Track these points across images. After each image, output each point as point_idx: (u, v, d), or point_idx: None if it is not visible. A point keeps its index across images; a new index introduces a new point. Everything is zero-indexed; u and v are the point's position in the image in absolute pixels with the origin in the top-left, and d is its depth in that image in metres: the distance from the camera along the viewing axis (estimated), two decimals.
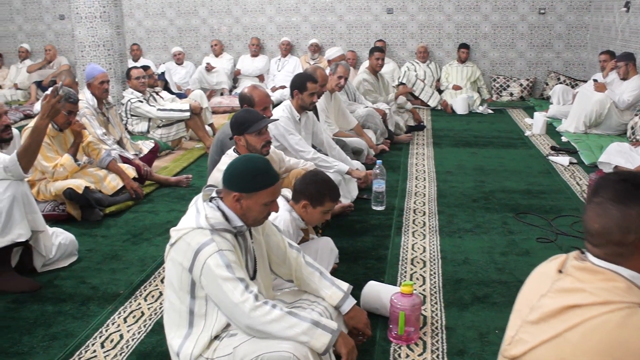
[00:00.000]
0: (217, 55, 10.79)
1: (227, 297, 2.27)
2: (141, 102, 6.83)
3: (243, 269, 2.39)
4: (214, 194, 2.51)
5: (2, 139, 3.73)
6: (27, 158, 3.58)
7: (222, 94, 10.25)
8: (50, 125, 4.32)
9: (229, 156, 3.67)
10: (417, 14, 10.49)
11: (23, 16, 11.68)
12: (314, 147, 4.96)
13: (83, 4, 7.19)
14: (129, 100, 6.85)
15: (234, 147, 3.77)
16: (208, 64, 10.38)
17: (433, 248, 4.15)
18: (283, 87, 9.94)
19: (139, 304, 3.48)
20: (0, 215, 3.51)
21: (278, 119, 4.50)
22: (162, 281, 3.74)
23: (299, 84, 4.84)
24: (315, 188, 3.26)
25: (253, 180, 2.41)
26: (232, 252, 2.34)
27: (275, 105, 5.68)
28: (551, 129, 7.80)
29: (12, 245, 3.62)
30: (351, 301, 2.71)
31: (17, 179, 3.59)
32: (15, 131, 3.89)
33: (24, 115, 9.18)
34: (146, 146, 6.25)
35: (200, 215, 2.40)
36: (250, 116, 3.69)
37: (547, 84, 10.13)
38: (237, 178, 2.42)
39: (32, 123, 4.55)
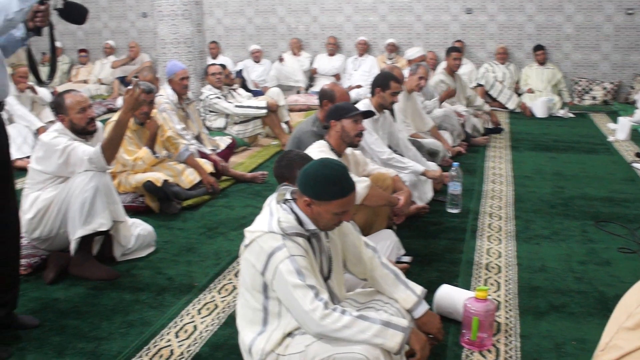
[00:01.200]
0: (294, 54, 10.87)
1: (297, 304, 2.28)
2: (219, 98, 6.95)
3: (315, 274, 2.39)
4: (288, 195, 2.50)
5: (87, 131, 3.87)
6: (110, 150, 3.70)
7: (298, 92, 10.32)
8: (131, 120, 4.45)
9: (319, 146, 3.69)
10: (497, 14, 10.29)
11: (108, 14, 12.08)
12: (389, 147, 4.92)
13: (165, 2, 7.38)
14: (207, 96, 6.97)
15: (325, 135, 3.79)
16: (280, 56, 10.49)
17: (509, 253, 4.06)
18: (359, 86, 9.93)
19: (213, 296, 3.53)
20: (84, 205, 3.65)
21: (374, 112, 4.46)
22: (235, 275, 3.79)
23: (382, 82, 4.82)
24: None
25: (326, 189, 2.36)
26: (303, 258, 2.34)
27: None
28: (636, 135, 7.51)
29: (93, 234, 3.76)
30: (424, 306, 2.67)
31: (100, 170, 3.72)
32: (99, 124, 4.02)
33: (107, 109, 9.48)
34: (223, 142, 6.35)
35: (273, 218, 2.40)
36: (350, 105, 3.80)
37: (632, 88, 9.75)
38: (311, 183, 2.38)
39: (115, 117, 4.69)
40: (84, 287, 3.68)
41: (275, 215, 2.41)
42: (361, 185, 3.52)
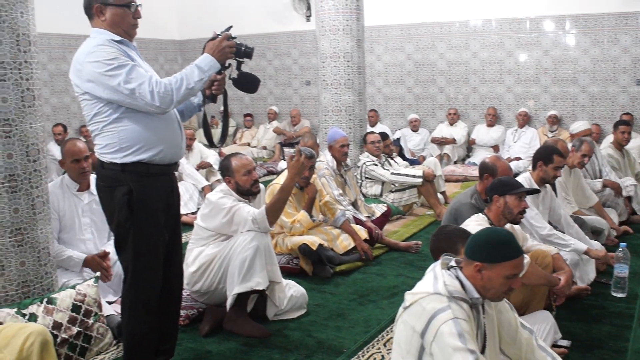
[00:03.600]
0: (451, 124, 10.84)
1: None
2: (376, 165, 7.05)
3: (475, 340, 2.32)
4: (452, 263, 2.49)
5: (251, 193, 4.07)
6: (274, 213, 3.88)
7: (455, 163, 10.24)
8: None
9: (477, 219, 3.63)
10: None
11: (274, 81, 12.74)
12: (550, 223, 4.73)
13: (330, 71, 7.65)
14: (364, 163, 7.09)
15: (485, 209, 3.73)
16: (434, 138, 10.50)
17: None
18: (518, 158, 9.68)
19: None
20: (244, 263, 3.80)
21: (540, 190, 4.34)
22: (385, 345, 3.74)
23: (545, 155, 4.68)
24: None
25: (498, 250, 2.35)
26: (466, 322, 2.30)
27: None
28: None
29: (250, 292, 3.89)
30: None
31: (262, 231, 3.88)
32: (261, 186, 4.21)
33: (267, 172, 9.90)
34: (378, 209, 6.40)
35: (438, 281, 2.40)
36: (514, 180, 3.75)
37: None
38: (482, 246, 2.39)
39: (277, 179, 4.89)
40: (236, 342, 3.80)
41: (440, 279, 2.41)
42: None
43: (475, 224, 3.52)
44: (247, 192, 4.06)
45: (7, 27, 3.30)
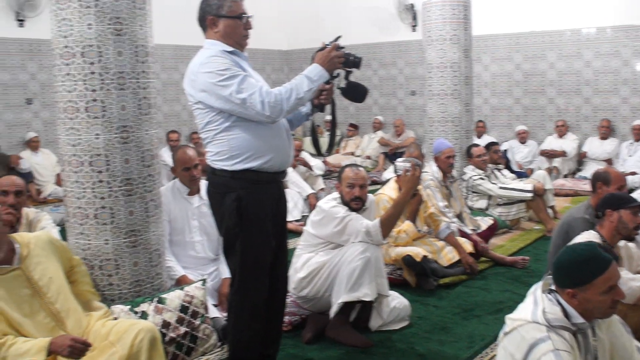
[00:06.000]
0: (560, 136, 10.45)
1: None
2: (482, 179, 6.89)
3: None
4: (554, 287, 2.39)
5: (350, 207, 4.05)
6: (388, 226, 3.90)
7: (565, 176, 9.88)
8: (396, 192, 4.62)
9: (589, 237, 3.46)
10: None
11: (379, 91, 12.74)
12: None
13: (436, 82, 7.58)
14: (470, 177, 6.95)
15: (597, 225, 3.58)
16: (543, 150, 10.16)
17: None
18: (634, 173, 9.21)
19: None
20: (353, 273, 3.81)
21: None
22: None
23: None
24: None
25: (582, 271, 2.25)
26: (568, 354, 2.19)
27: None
28: None
29: (356, 302, 3.89)
30: None
31: (375, 243, 3.90)
32: (371, 197, 4.22)
33: (371, 182, 9.88)
34: (485, 222, 6.25)
35: (537, 308, 2.30)
36: (628, 195, 3.61)
37: None
38: (566, 273, 2.28)
39: (382, 190, 4.90)
40: (338, 350, 3.81)
41: (540, 305, 2.31)
42: (636, 283, 3.23)
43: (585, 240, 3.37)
44: (347, 205, 4.06)
45: (128, 39, 3.46)
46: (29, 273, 2.95)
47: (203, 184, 4.09)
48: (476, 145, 7.21)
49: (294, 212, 7.18)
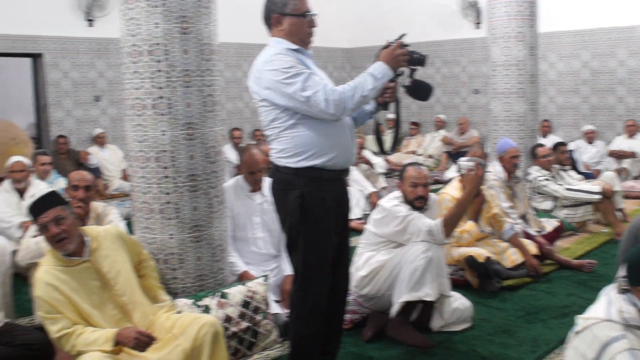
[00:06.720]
0: (630, 136, 10.13)
1: None
2: (548, 180, 6.74)
3: None
4: (628, 286, 2.32)
5: (413, 206, 4.01)
6: (450, 226, 3.86)
7: (635, 178, 9.57)
8: (459, 192, 4.56)
9: None
10: None
11: (442, 89, 12.61)
12: None
13: (500, 80, 7.47)
14: (535, 178, 6.80)
15: None
16: (612, 151, 9.85)
17: None
18: None
19: None
20: (415, 272, 3.78)
21: None
22: None
23: None
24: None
25: None
26: None
27: None
28: None
29: (417, 301, 3.86)
30: None
31: (437, 243, 3.86)
32: (433, 196, 4.17)
33: (434, 181, 9.79)
34: (550, 224, 6.10)
35: (612, 307, 2.24)
36: None
37: None
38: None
39: (445, 189, 4.87)
40: (398, 350, 3.79)
41: (614, 304, 2.25)
42: None
43: None
44: (410, 204, 4.03)
45: (193, 37, 3.52)
46: (98, 265, 3.04)
47: (266, 181, 4.12)
48: (541, 145, 7.05)
49: (355, 210, 7.16)
